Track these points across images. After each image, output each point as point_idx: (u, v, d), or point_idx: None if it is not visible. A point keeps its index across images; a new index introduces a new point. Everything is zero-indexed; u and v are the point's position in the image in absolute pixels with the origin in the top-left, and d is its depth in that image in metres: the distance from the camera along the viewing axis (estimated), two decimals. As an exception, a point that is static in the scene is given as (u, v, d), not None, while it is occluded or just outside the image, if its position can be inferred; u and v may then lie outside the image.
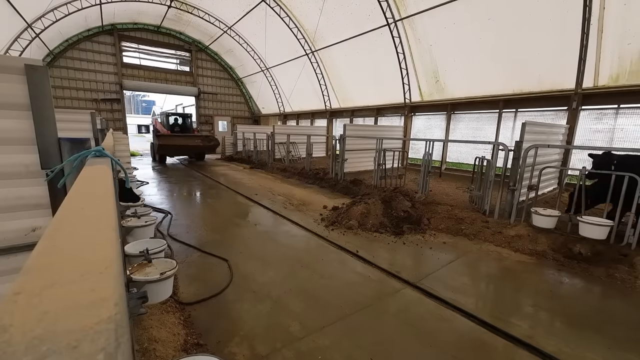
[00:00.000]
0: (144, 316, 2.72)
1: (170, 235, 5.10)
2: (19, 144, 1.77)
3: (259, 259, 4.29)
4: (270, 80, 20.69)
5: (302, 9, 14.47)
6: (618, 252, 4.24)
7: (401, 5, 11.22)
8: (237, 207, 7.22)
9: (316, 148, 14.65)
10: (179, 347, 2.50)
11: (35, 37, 13.57)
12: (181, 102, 45.30)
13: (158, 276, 1.81)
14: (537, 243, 4.71)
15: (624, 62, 7.52)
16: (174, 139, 14.28)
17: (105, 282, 0.44)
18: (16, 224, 1.85)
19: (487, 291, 3.72)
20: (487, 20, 9.43)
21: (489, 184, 6.04)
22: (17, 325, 0.33)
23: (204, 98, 21.87)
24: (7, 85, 1.68)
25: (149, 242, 2.44)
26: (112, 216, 0.73)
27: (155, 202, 7.18)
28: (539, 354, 2.53)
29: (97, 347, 0.31)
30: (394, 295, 3.41)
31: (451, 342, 2.67)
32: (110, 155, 1.65)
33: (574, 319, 3.05)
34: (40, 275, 0.45)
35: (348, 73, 15.38)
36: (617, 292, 3.58)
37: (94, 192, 0.97)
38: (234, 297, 3.33)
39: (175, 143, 14.08)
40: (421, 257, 4.44)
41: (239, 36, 18.90)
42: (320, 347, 2.57)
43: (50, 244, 0.56)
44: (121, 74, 18.38)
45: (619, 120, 7.96)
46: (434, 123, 12.65)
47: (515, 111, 10.11)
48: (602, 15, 7.46)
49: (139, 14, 17.39)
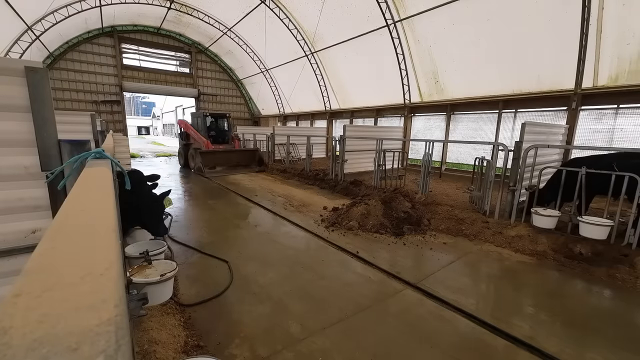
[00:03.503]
0: (144, 318, 2.72)
1: (170, 237, 5.10)
2: (19, 145, 1.77)
3: (259, 260, 4.29)
4: (270, 81, 20.72)
5: (301, 11, 14.50)
6: (619, 252, 4.24)
7: (400, 6, 11.24)
8: (237, 208, 7.21)
9: (316, 149, 14.66)
10: (179, 349, 2.50)
11: (36, 39, 13.60)
12: (181, 103, 45.42)
13: (158, 278, 1.81)
14: (537, 243, 4.70)
15: (623, 62, 7.53)
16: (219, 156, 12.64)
17: (105, 284, 0.43)
18: (16, 226, 1.85)
19: (488, 292, 3.71)
20: (486, 20, 9.45)
21: (489, 184, 6.04)
22: (17, 328, 0.33)
23: (203, 99, 21.90)
24: (7, 87, 1.68)
25: (149, 244, 2.43)
26: (112, 218, 0.73)
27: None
28: (540, 355, 2.53)
29: (97, 349, 0.31)
30: (395, 296, 3.41)
31: (452, 342, 2.66)
32: (110, 157, 1.65)
33: (575, 319, 3.04)
34: (40, 277, 0.45)
35: (348, 74, 15.40)
36: (617, 292, 3.57)
37: (94, 194, 0.97)
38: (234, 298, 3.32)
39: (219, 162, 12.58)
40: (422, 258, 4.44)
41: (239, 37, 18.93)
42: (321, 349, 2.56)
43: (50, 246, 0.55)
44: (121, 75, 18.41)
45: (619, 120, 7.97)
46: (433, 123, 12.66)
47: (514, 111, 10.12)
48: (601, 16, 7.48)
49: (138, 16, 17.43)
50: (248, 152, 13.85)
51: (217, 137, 13.55)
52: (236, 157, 13.13)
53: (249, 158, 13.40)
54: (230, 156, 12.96)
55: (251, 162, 13.36)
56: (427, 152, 7.21)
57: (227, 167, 12.60)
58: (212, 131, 13.53)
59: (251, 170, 12.87)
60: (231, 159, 12.88)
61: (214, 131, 13.65)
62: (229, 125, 14.39)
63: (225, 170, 12.34)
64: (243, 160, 13.17)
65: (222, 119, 14.25)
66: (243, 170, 12.76)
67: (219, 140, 13.55)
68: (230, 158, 12.90)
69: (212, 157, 12.17)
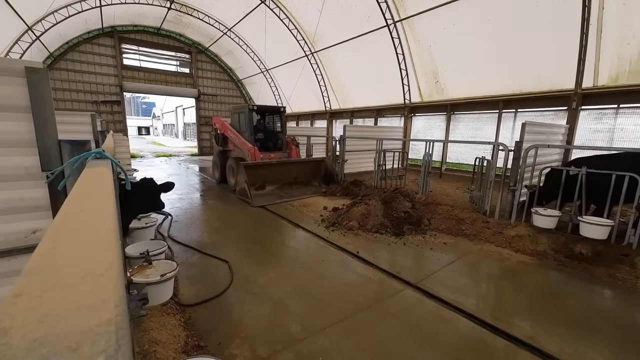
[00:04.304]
0: (144, 318, 2.72)
1: (170, 237, 5.10)
2: (19, 146, 1.77)
3: (259, 261, 4.29)
4: (270, 81, 20.72)
5: (301, 11, 14.50)
6: (619, 252, 4.24)
7: (400, 6, 11.24)
8: (237, 208, 7.21)
9: (316, 149, 14.61)
10: (179, 349, 2.50)
11: (36, 39, 13.60)
12: (181, 104, 45.48)
13: (158, 278, 1.81)
14: (537, 243, 4.70)
15: (623, 62, 7.53)
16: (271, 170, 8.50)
17: (105, 284, 0.43)
18: (16, 226, 1.85)
19: (488, 292, 3.71)
20: (487, 20, 9.45)
21: (489, 184, 6.04)
22: (18, 328, 0.33)
23: (204, 99, 21.90)
24: (8, 88, 1.68)
25: (150, 244, 2.44)
26: (113, 218, 0.73)
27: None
28: (540, 355, 2.52)
29: (97, 350, 0.31)
30: (395, 296, 3.41)
31: (452, 342, 2.66)
32: (110, 157, 1.65)
33: (575, 319, 3.04)
34: (40, 277, 0.45)
35: (348, 74, 15.40)
36: (618, 292, 3.57)
37: (95, 194, 0.97)
38: (234, 298, 3.32)
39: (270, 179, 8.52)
40: (422, 258, 4.44)
41: (239, 38, 18.93)
42: (321, 349, 2.56)
43: (50, 246, 0.55)
44: (121, 76, 18.40)
45: (619, 120, 7.97)
46: (433, 123, 12.66)
47: (515, 111, 10.12)
48: (602, 16, 7.48)
49: (139, 16, 17.43)
50: (311, 163, 9.70)
51: (266, 142, 9.47)
52: (294, 170, 9.07)
53: (311, 171, 9.46)
54: (287, 169, 8.88)
55: (313, 177, 9.41)
56: (427, 152, 7.21)
57: (280, 185, 8.68)
58: (259, 133, 9.43)
59: (313, 188, 9.01)
60: (287, 174, 8.87)
61: (262, 132, 9.57)
62: (283, 124, 10.02)
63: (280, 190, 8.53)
64: (302, 175, 9.22)
65: (273, 115, 10.09)
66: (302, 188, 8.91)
67: (269, 145, 9.44)
68: (286, 172, 8.86)
69: (261, 172, 8.27)
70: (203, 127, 21.84)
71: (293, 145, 9.73)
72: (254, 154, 8.41)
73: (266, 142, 9.46)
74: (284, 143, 9.71)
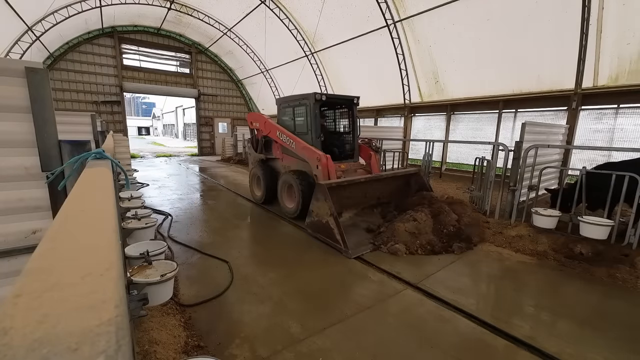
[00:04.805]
0: (144, 318, 2.72)
1: (170, 237, 5.10)
2: (19, 146, 1.77)
3: (259, 261, 4.29)
4: (270, 81, 20.72)
5: (301, 11, 14.50)
6: (619, 252, 4.24)
7: (400, 6, 11.24)
8: (237, 209, 7.21)
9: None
10: (179, 349, 2.50)
11: (36, 40, 13.60)
12: (181, 104, 45.48)
13: (158, 278, 1.81)
14: (538, 243, 4.70)
15: (623, 62, 7.53)
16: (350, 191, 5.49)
17: (105, 285, 0.43)
18: (16, 227, 1.85)
19: (488, 292, 3.71)
20: (486, 20, 9.45)
21: (489, 184, 6.04)
22: (18, 328, 0.33)
23: (204, 100, 21.89)
24: (8, 88, 1.68)
25: (149, 244, 2.43)
26: (113, 218, 0.73)
27: (155, 204, 7.17)
28: (540, 355, 2.52)
29: (97, 350, 0.31)
30: (395, 296, 3.41)
31: (452, 342, 2.66)
32: (110, 158, 1.65)
33: (576, 319, 3.04)
34: (40, 277, 0.45)
35: (348, 74, 15.40)
36: (618, 292, 3.57)
37: (94, 194, 0.97)
38: (234, 298, 3.32)
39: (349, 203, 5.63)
40: (422, 258, 4.43)
41: (239, 38, 18.93)
42: (321, 349, 2.56)
43: (50, 247, 0.55)
44: (121, 76, 18.40)
45: (619, 120, 7.97)
46: (433, 124, 12.66)
47: (515, 111, 10.12)
48: (601, 16, 7.48)
49: (139, 16, 17.43)
50: (400, 178, 6.46)
51: (331, 147, 6.49)
52: (378, 188, 6.07)
53: (399, 189, 6.39)
54: (369, 188, 5.90)
55: (404, 196, 6.19)
56: (427, 152, 7.21)
57: (360, 209, 5.85)
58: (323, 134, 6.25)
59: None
60: (370, 193, 5.96)
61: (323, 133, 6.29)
62: (354, 122, 6.81)
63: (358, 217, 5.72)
64: (387, 194, 6.19)
65: (343, 108, 6.99)
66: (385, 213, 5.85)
67: (334, 152, 6.37)
68: (369, 191, 5.92)
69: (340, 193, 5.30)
70: (203, 128, 21.83)
71: (371, 151, 6.72)
72: (326, 164, 5.53)
73: (330, 146, 6.43)
74: (356, 148, 6.74)
